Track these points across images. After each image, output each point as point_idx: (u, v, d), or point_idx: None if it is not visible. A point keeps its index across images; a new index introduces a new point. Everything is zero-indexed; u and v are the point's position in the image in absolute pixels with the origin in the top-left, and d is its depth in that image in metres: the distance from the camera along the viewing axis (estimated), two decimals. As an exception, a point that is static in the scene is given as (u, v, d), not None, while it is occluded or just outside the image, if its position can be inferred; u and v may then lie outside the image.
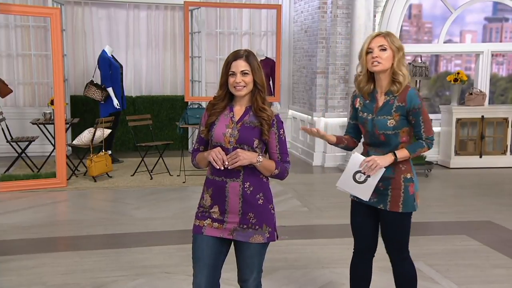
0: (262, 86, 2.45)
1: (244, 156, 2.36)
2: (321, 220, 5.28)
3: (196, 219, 2.52)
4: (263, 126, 2.42)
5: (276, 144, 2.46)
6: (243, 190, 2.42)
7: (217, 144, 2.44)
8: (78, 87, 8.53)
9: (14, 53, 8.27)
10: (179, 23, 8.95)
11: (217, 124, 2.46)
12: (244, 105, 2.48)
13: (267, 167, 2.43)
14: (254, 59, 2.45)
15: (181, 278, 3.75)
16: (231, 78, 2.41)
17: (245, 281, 2.54)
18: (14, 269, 3.85)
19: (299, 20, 8.68)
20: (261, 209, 2.45)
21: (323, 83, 7.98)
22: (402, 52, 2.74)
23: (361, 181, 2.76)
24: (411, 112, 2.72)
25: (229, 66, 2.42)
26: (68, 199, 5.98)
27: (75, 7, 8.53)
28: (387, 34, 2.76)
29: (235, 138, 2.42)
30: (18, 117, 8.02)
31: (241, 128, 2.43)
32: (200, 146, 2.56)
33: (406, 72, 2.74)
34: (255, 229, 2.45)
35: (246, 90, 2.43)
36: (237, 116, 2.46)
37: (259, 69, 2.44)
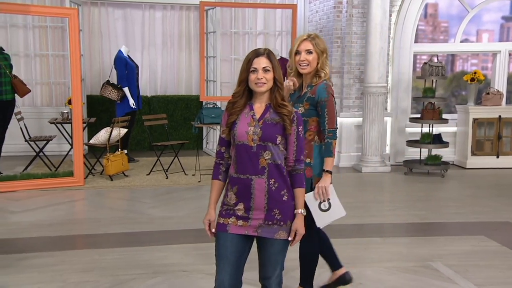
0: (281, 83, 2.50)
1: (303, 232, 2.51)
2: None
3: (220, 217, 2.54)
4: (285, 121, 2.46)
5: (294, 141, 2.49)
6: (269, 186, 2.45)
7: (240, 143, 2.47)
8: (94, 87, 8.61)
9: (32, 53, 8.37)
10: (194, 23, 9.00)
11: (238, 123, 2.48)
12: (264, 103, 2.51)
13: (303, 198, 2.55)
14: (274, 57, 2.51)
15: (198, 277, 3.77)
16: (253, 75, 2.45)
17: (268, 279, 2.56)
18: (35, 266, 3.90)
19: (314, 19, 8.67)
20: (286, 205, 2.48)
21: (338, 83, 7.96)
22: (326, 54, 3.09)
23: (328, 208, 3.06)
24: (318, 104, 3.04)
25: (250, 63, 2.46)
26: (86, 198, 6.04)
27: (91, 8, 8.61)
28: (313, 38, 3.08)
29: (258, 135, 2.45)
30: (36, 116, 8.12)
31: (263, 125, 2.46)
32: (222, 147, 2.58)
33: (328, 71, 3.10)
34: (280, 225, 2.47)
35: (267, 87, 2.47)
36: (258, 114, 2.49)
37: (278, 67, 2.50)
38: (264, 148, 2.44)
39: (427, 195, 6.43)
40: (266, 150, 2.44)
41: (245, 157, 2.45)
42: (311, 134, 3.09)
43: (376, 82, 7.38)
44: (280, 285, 2.64)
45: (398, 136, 8.15)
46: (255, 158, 2.44)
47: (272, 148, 2.45)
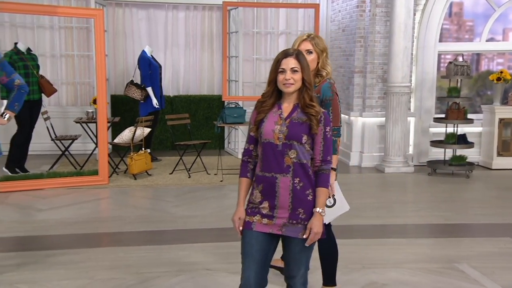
0: (310, 84, 2.50)
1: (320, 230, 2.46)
2: (359, 220, 5.25)
3: (246, 215, 2.55)
4: (312, 121, 2.46)
5: (321, 141, 2.49)
6: (293, 185, 2.46)
7: (266, 141, 2.48)
8: (118, 86, 8.71)
9: (57, 54, 8.51)
10: (217, 23, 9.04)
11: (265, 122, 2.50)
12: (292, 102, 2.52)
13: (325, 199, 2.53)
14: (303, 57, 2.51)
15: (221, 275, 3.80)
16: (281, 75, 2.47)
17: (292, 278, 2.57)
18: (62, 263, 3.97)
19: (337, 19, 8.63)
20: (311, 205, 2.48)
21: (361, 83, 7.92)
22: (326, 53, 3.15)
23: (333, 204, 3.09)
24: (323, 103, 3.10)
25: (279, 64, 2.48)
26: (110, 196, 6.12)
27: (116, 8, 8.72)
28: (313, 38, 3.13)
29: (284, 134, 2.46)
30: (61, 116, 8.26)
31: (289, 124, 2.47)
32: (250, 145, 2.59)
33: (329, 69, 3.18)
34: (304, 224, 2.47)
35: (295, 87, 2.48)
36: (285, 113, 2.51)
37: (307, 68, 2.51)
38: (290, 146, 2.45)
39: (452, 196, 6.35)
40: (292, 149, 2.45)
41: (270, 155, 2.47)
42: None
43: (400, 81, 7.31)
44: (305, 285, 2.63)
45: (422, 136, 8.07)
46: (280, 157, 2.45)
47: (297, 147, 2.45)
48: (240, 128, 8.26)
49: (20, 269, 3.81)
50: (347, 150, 8.14)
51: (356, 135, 7.99)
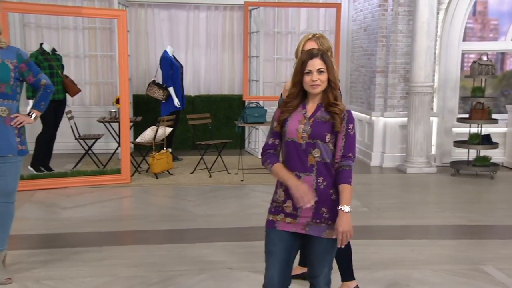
0: (335, 83, 2.50)
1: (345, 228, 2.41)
2: (381, 220, 5.22)
3: (270, 214, 2.55)
4: (335, 119, 2.45)
5: (343, 138, 2.47)
6: (317, 184, 2.45)
7: (290, 140, 2.48)
8: (140, 86, 8.80)
9: (81, 54, 8.64)
10: (238, 23, 9.07)
11: (290, 121, 2.50)
12: (317, 102, 2.52)
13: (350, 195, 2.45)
14: (328, 57, 2.51)
15: (243, 274, 3.81)
16: (307, 77, 2.47)
17: (316, 277, 2.56)
18: (86, 260, 4.02)
19: (358, 18, 8.58)
20: (334, 204, 2.47)
21: (383, 82, 7.86)
22: (330, 52, 3.20)
23: None
24: None
25: (304, 65, 2.47)
26: (132, 195, 6.18)
27: (138, 9, 8.80)
28: (318, 37, 3.19)
29: (307, 133, 2.46)
30: (85, 115, 8.37)
31: (313, 123, 2.47)
32: (276, 140, 2.55)
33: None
34: (328, 224, 2.47)
35: (321, 88, 2.48)
36: (309, 113, 2.51)
37: (332, 67, 2.51)
38: (313, 145, 2.45)
39: (476, 197, 6.26)
40: (315, 148, 2.45)
41: (294, 154, 2.47)
42: None
43: (422, 81, 7.24)
44: (329, 284, 2.63)
45: (445, 136, 7.97)
46: (304, 156, 2.45)
47: (321, 146, 2.45)
48: (261, 128, 8.27)
49: (46, 266, 3.88)
50: (368, 150, 8.09)
51: (377, 135, 7.93)
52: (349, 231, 2.41)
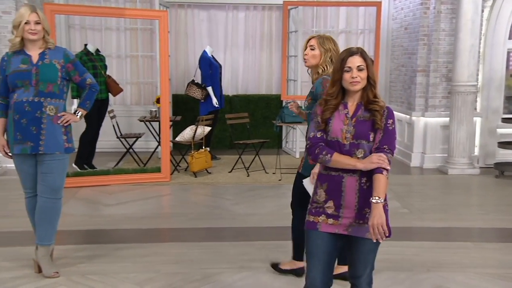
0: (374, 81, 2.48)
1: (381, 220, 2.35)
2: (422, 222, 5.12)
3: (310, 215, 2.55)
4: (376, 117, 2.43)
5: (381, 132, 2.44)
6: (360, 185, 2.44)
7: (334, 140, 2.47)
8: (179, 86, 8.92)
9: (123, 54, 8.83)
10: (276, 23, 9.07)
11: (333, 120, 2.49)
12: (357, 101, 2.50)
13: (384, 186, 2.38)
14: (367, 55, 2.50)
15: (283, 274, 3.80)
16: (347, 74, 2.45)
17: (358, 278, 2.56)
18: (129, 256, 4.11)
19: (399, 17, 8.45)
20: None
21: (424, 82, 7.71)
22: (330, 54, 3.35)
23: None
24: (317, 97, 3.23)
25: (344, 63, 2.46)
26: (172, 193, 6.27)
27: (178, 10, 8.93)
28: (320, 37, 3.41)
29: (351, 133, 2.45)
30: (126, 114, 8.55)
31: (356, 123, 2.46)
32: (324, 134, 2.50)
33: (329, 69, 3.31)
34: None
35: (361, 85, 2.46)
36: (351, 112, 2.49)
37: (371, 65, 2.50)
38: (357, 146, 2.43)
39: (521, 200, 6.08)
40: (359, 148, 2.43)
41: None
42: None
43: (466, 80, 7.07)
44: (370, 284, 2.63)
45: (489, 137, 7.75)
46: (348, 156, 2.43)
47: (365, 146, 2.43)
48: (299, 128, 8.25)
49: (91, 261, 3.99)
50: (408, 151, 7.95)
51: (417, 135, 7.79)
52: (381, 223, 2.34)
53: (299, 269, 3.68)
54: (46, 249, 3.70)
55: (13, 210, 5.19)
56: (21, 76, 3.48)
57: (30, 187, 3.69)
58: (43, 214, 3.64)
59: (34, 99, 3.49)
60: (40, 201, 3.63)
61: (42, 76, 3.49)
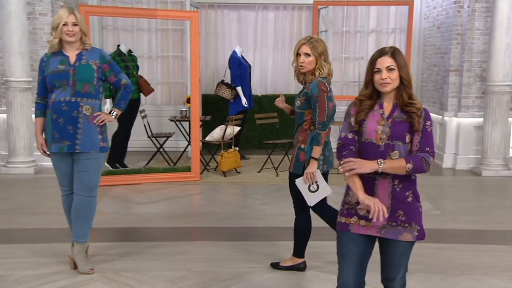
0: (408, 81, 2.42)
1: (362, 166, 2.36)
2: (455, 224, 5.04)
3: (342, 216, 2.52)
4: (413, 119, 2.39)
5: (419, 134, 2.40)
6: (393, 187, 2.41)
7: (368, 141, 2.44)
8: (208, 86, 8.99)
9: (154, 55, 8.94)
10: (305, 23, 9.05)
11: (367, 121, 2.45)
12: (392, 102, 2.46)
13: (394, 167, 2.35)
14: (400, 55, 2.44)
15: (313, 274, 3.81)
16: (377, 75, 2.42)
17: (391, 280, 2.53)
18: (161, 254, 4.16)
19: (431, 16, 8.32)
20: (411, 207, 2.43)
21: (456, 81, 7.58)
22: (324, 56, 3.50)
23: (316, 189, 3.53)
24: (311, 99, 3.47)
25: (374, 63, 2.43)
26: (202, 192, 6.32)
27: (208, 10, 9.00)
28: (311, 42, 3.49)
29: (387, 134, 2.41)
30: (156, 114, 8.65)
31: (392, 124, 2.42)
32: (355, 135, 2.48)
33: (324, 70, 3.49)
34: (405, 227, 2.43)
35: (392, 86, 2.42)
36: (387, 113, 2.45)
37: (405, 65, 2.43)
38: (392, 147, 2.39)
39: (559, 203, 5.92)
40: (394, 150, 2.39)
41: (371, 156, 2.41)
42: (307, 124, 3.55)
43: (501, 80, 6.92)
44: (404, 287, 2.60)
45: (524, 138, 7.57)
46: (382, 158, 2.39)
47: (401, 147, 2.39)
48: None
49: (124, 258, 4.05)
50: (440, 151, 7.82)
51: (450, 136, 7.66)
52: (360, 170, 2.36)
53: (301, 264, 3.83)
54: (82, 246, 3.78)
55: (49, 207, 5.33)
56: (59, 76, 3.56)
57: (67, 185, 3.77)
58: (79, 212, 3.72)
59: (71, 99, 3.57)
60: (76, 199, 3.71)
61: (79, 77, 3.57)
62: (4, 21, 6.61)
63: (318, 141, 3.46)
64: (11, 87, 6.70)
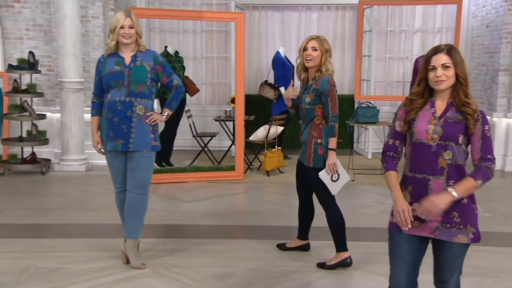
0: (464, 79, 2.36)
1: (435, 207, 2.29)
2: (507, 227, 4.92)
3: (393, 216, 2.47)
4: (469, 120, 2.34)
5: (479, 140, 2.35)
6: (447, 188, 2.35)
7: (418, 142, 2.40)
8: (251, 86, 9.06)
9: (199, 56, 9.09)
10: (349, 23, 9.00)
11: (417, 120, 2.41)
12: (446, 100, 2.41)
13: (467, 189, 2.32)
14: (456, 52, 2.37)
15: (361, 274, 3.81)
16: (431, 73, 2.37)
17: (445, 283, 2.49)
18: (208, 251, 4.25)
19: (480, 14, 8.13)
20: (466, 208, 2.38)
21: (506, 81, 7.39)
22: (329, 53, 3.75)
23: (337, 178, 3.82)
24: (322, 94, 3.68)
25: (429, 61, 2.39)
26: (246, 191, 6.39)
27: (252, 12, 9.08)
28: (319, 38, 3.74)
29: (438, 134, 2.36)
30: (201, 114, 8.79)
31: (444, 123, 2.37)
32: (396, 140, 2.50)
33: (330, 66, 3.75)
34: (459, 228, 2.38)
35: (447, 84, 2.36)
36: (439, 112, 2.40)
37: (461, 62, 2.36)
38: (445, 147, 2.35)
39: None
40: (447, 150, 2.34)
41: (422, 156, 2.38)
42: (319, 119, 3.76)
43: (553, 80, 6.71)
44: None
45: None
46: (434, 158, 2.35)
47: (454, 148, 2.34)
48: (372, 128, 8.14)
49: (173, 254, 4.16)
50: (488, 153, 7.63)
51: (499, 137, 7.47)
52: (430, 211, 2.30)
53: (346, 259, 3.89)
54: (134, 241, 3.90)
55: (101, 203, 5.53)
56: (115, 77, 3.70)
57: (120, 183, 3.90)
58: (131, 209, 3.84)
59: (126, 99, 3.70)
60: (128, 195, 3.83)
61: (134, 77, 3.69)
62: (59, 24, 6.87)
63: (334, 132, 3.71)
64: (65, 87, 6.95)
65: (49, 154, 7.49)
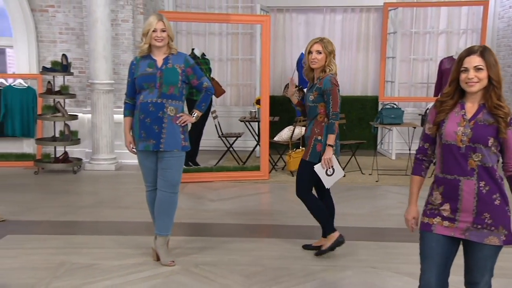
0: (497, 82, 2.34)
1: None
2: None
3: (425, 217, 2.50)
4: (500, 124, 2.33)
5: None
6: (479, 189, 2.36)
7: (448, 143, 2.41)
8: (276, 88, 9.14)
9: (224, 58, 9.22)
10: (373, 25, 9.01)
11: (447, 122, 2.41)
12: (477, 102, 2.40)
13: None
14: (490, 54, 2.35)
15: (387, 275, 3.84)
16: (463, 74, 2.36)
17: (475, 284, 2.49)
18: (235, 249, 4.33)
19: (506, 15, 8.07)
20: (498, 210, 2.37)
21: (532, 83, 7.32)
22: (333, 55, 3.96)
23: (332, 173, 4.02)
24: (324, 92, 3.92)
25: (461, 62, 2.38)
26: (270, 191, 6.47)
27: (277, 14, 9.16)
28: (323, 41, 3.97)
29: (468, 137, 2.36)
30: (226, 115, 8.91)
31: (474, 126, 2.36)
32: (425, 143, 2.54)
33: (333, 67, 3.98)
34: (491, 230, 2.37)
35: (479, 86, 2.35)
36: (469, 114, 2.39)
37: (495, 65, 2.34)
38: (474, 149, 2.35)
39: None
40: (476, 152, 2.35)
41: (451, 158, 2.38)
42: (321, 117, 3.97)
43: None
44: (489, 292, 2.53)
45: None
46: (463, 159, 2.36)
47: (483, 150, 2.34)
48: (396, 129, 8.15)
49: (201, 252, 4.25)
50: None
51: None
52: None
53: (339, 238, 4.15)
54: (164, 239, 4.02)
55: (130, 202, 5.67)
56: (147, 79, 3.82)
57: (151, 182, 4.02)
58: (162, 207, 3.96)
59: (157, 100, 3.81)
60: (159, 194, 3.95)
61: (165, 79, 3.81)
62: (91, 28, 7.06)
63: (333, 130, 3.93)
64: (96, 89, 7.15)
65: (80, 154, 7.70)
